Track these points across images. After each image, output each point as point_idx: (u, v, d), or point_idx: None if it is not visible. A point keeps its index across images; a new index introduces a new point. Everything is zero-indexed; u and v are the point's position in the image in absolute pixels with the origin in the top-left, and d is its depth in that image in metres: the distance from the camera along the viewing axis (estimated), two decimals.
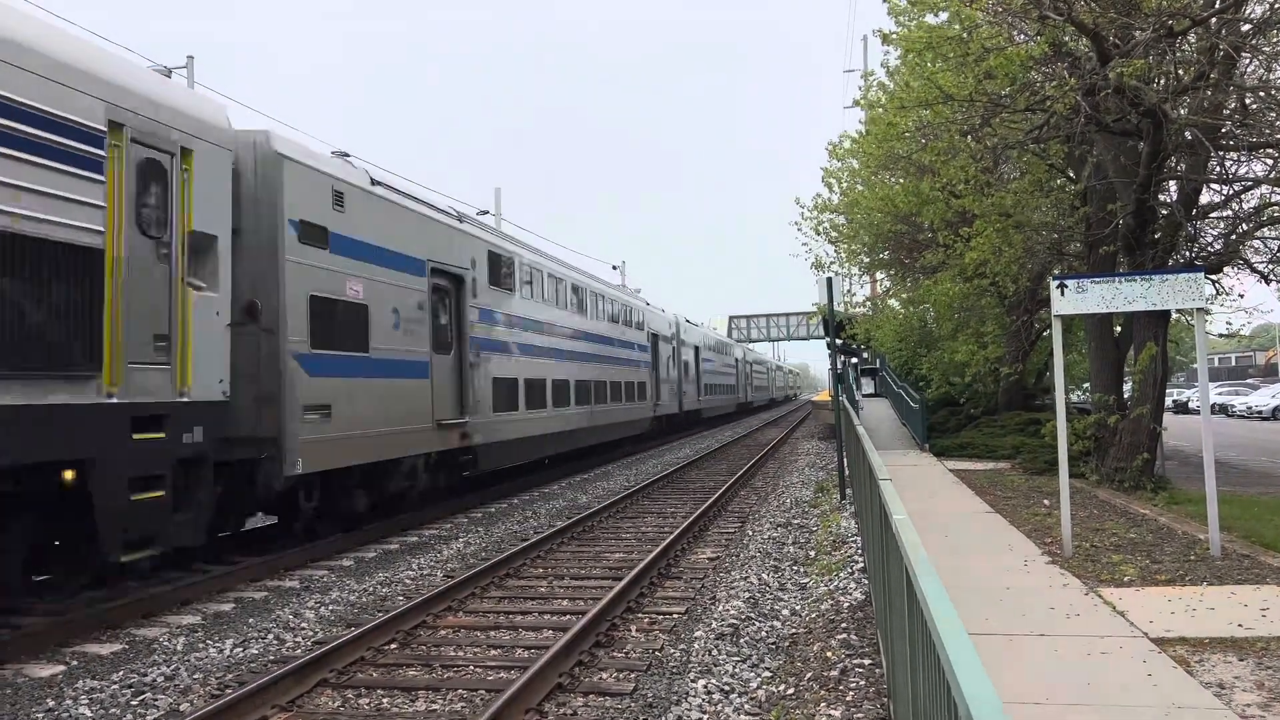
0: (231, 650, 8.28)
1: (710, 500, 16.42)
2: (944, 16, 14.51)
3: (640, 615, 9.14)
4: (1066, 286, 10.55)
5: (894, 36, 14.87)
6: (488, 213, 31.50)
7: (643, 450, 31.95)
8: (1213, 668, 6.29)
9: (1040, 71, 14.69)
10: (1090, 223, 16.08)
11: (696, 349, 43.94)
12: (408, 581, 11.09)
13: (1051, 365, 11.86)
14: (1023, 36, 13.95)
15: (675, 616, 9.05)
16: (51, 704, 6.93)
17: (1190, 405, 48.12)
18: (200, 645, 8.41)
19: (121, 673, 7.61)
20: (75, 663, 7.93)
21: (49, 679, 7.51)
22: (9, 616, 8.90)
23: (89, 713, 6.76)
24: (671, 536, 12.51)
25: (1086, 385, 21.36)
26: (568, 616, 9.07)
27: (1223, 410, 46.30)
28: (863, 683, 6.64)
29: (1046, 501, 13.99)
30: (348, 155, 14.51)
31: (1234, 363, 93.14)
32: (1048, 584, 8.79)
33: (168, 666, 7.76)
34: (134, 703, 6.95)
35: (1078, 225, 16.92)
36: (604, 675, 7.33)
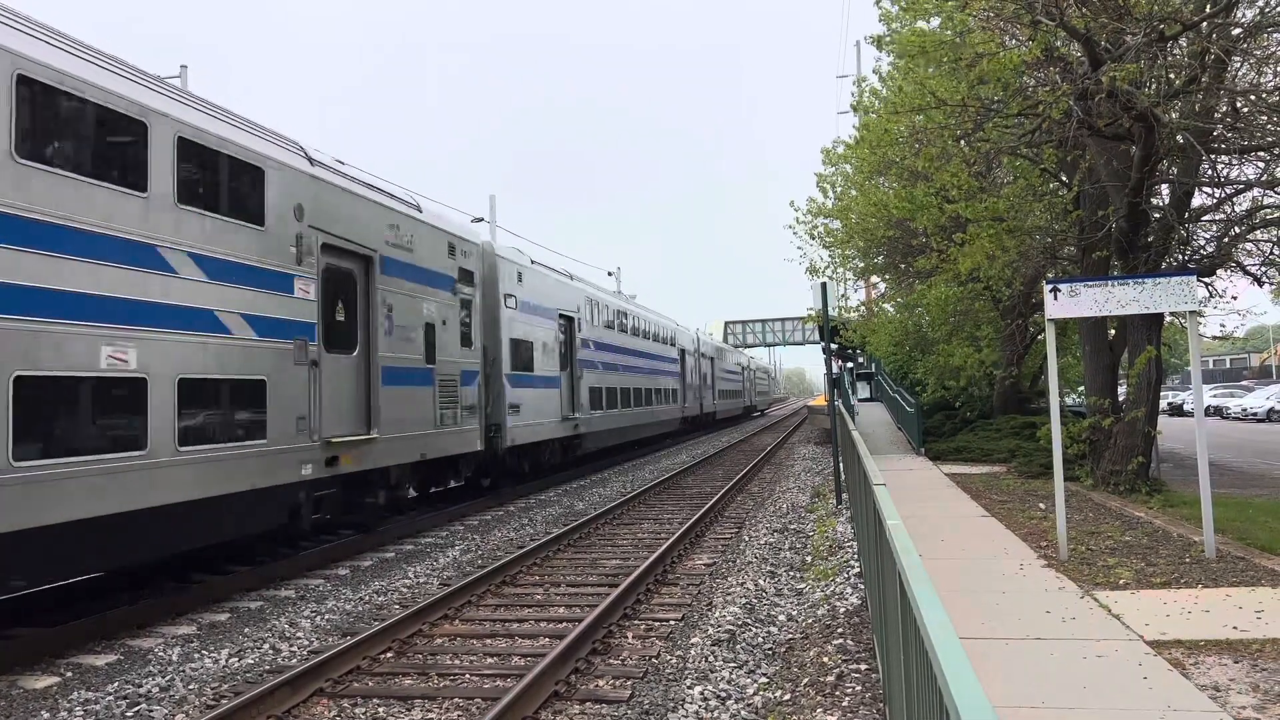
0: (227, 660, 8.26)
1: (707, 506, 16.42)
2: (936, 22, 14.56)
3: (637, 622, 9.14)
4: (1060, 290, 10.57)
5: (886, 42, 14.90)
6: (483, 219, 31.52)
7: (639, 457, 31.94)
8: (1208, 670, 6.30)
9: (1033, 76, 14.73)
10: (1083, 227, 16.12)
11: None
12: (404, 590, 11.07)
13: (1046, 369, 11.89)
14: (1014, 41, 14.00)
15: (672, 623, 9.05)
16: (46, 715, 6.91)
17: (1185, 408, 48.23)
18: (196, 655, 8.39)
19: (116, 684, 7.59)
20: (70, 674, 7.90)
21: (44, 690, 7.48)
22: (4, 627, 8.88)
23: None
24: (668, 543, 12.50)
25: (1081, 388, 21.38)
26: (564, 624, 9.07)
27: (1217, 412, 46.37)
28: (859, 688, 6.64)
29: (1042, 505, 14.00)
30: (343, 162, 14.53)
31: (1228, 365, 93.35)
32: (1043, 587, 8.80)
33: (163, 677, 7.74)
34: (129, 714, 6.94)
35: (1070, 229, 16.95)
36: (600, 683, 7.32)
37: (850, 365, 48.06)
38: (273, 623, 9.55)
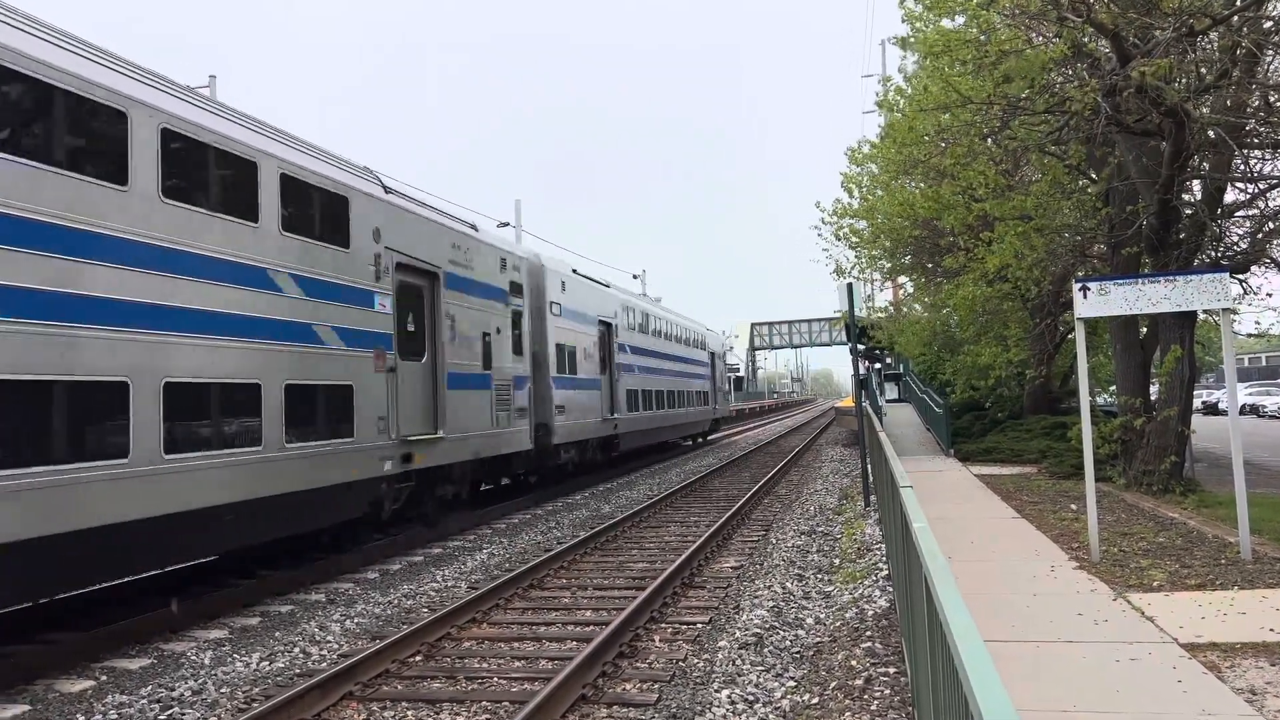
0: (258, 664, 8.34)
1: (733, 509, 16.38)
2: (960, 20, 14.47)
3: (664, 625, 9.13)
4: (1089, 289, 10.46)
5: (910, 42, 14.82)
6: (508, 224, 31.86)
7: (666, 459, 31.93)
8: (1244, 673, 6.20)
9: (1059, 73, 14.59)
10: (1113, 224, 15.92)
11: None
12: (432, 593, 11.13)
13: (1076, 368, 11.77)
14: (1041, 38, 13.88)
15: (699, 626, 9.03)
16: (81, 719, 7.00)
17: (1220, 406, 47.50)
18: (227, 659, 8.48)
19: (150, 687, 7.68)
20: (105, 678, 8.01)
21: (79, 694, 7.59)
22: (41, 632, 9.02)
23: None
24: (694, 545, 12.48)
25: (1113, 388, 21.13)
26: (591, 627, 9.07)
27: (1253, 411, 45.65)
28: (887, 692, 6.60)
29: (1073, 506, 13.85)
30: (368, 166, 14.64)
31: (1264, 363, 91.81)
32: (1075, 590, 8.70)
33: (195, 681, 7.83)
34: (162, 717, 7.02)
35: (1100, 227, 16.77)
36: (628, 686, 7.32)
37: (878, 366, 47.83)
38: (303, 626, 9.63)
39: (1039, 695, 5.81)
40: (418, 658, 8.25)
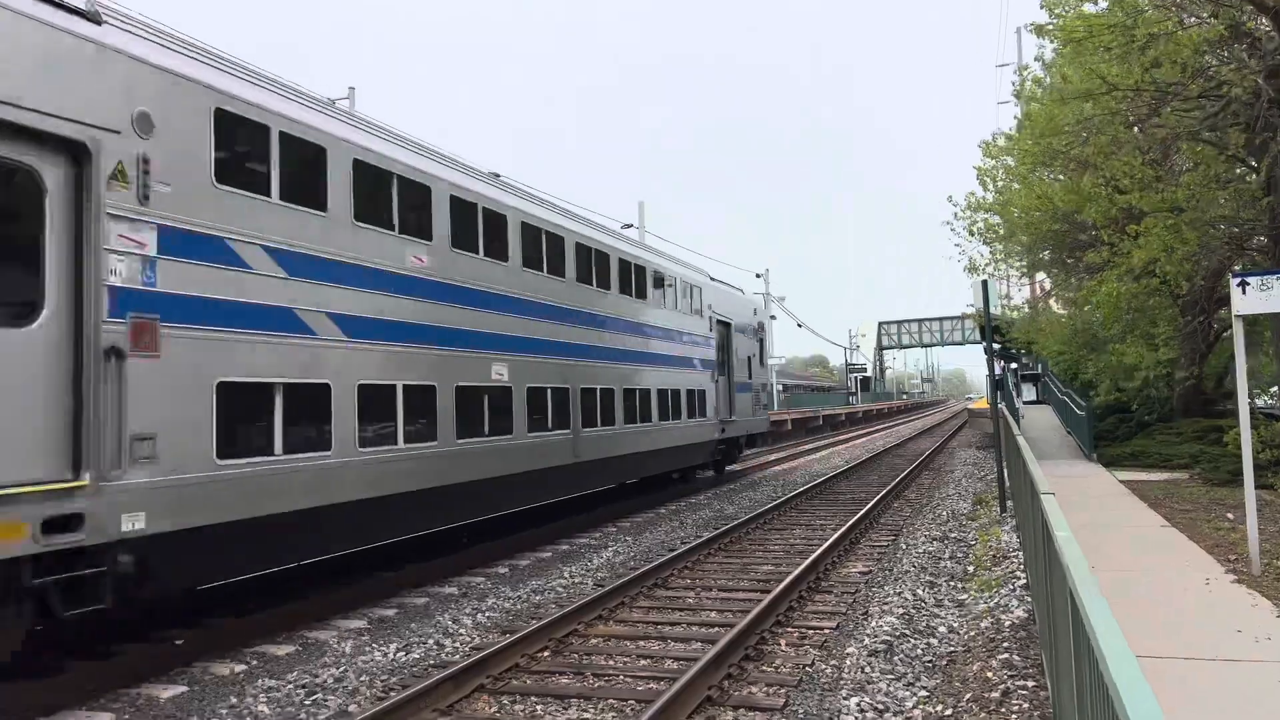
0: (395, 654, 8.64)
1: (861, 512, 16.05)
2: (1103, 4, 13.79)
3: (789, 629, 9.02)
4: (1249, 284, 9.78)
5: (1049, 28, 14.21)
6: (631, 225, 32.21)
7: (785, 461, 31.57)
8: None
9: (1215, 55, 13.73)
10: (1275, 214, 14.89)
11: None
12: (559, 589, 11.31)
13: (1233, 368, 11.03)
14: (1194, 20, 13.09)
15: (826, 631, 8.89)
16: (234, 701, 7.41)
17: None
18: (366, 649, 8.82)
19: (296, 673, 8.06)
20: (255, 662, 8.45)
21: (231, 677, 8.03)
22: (197, 617, 9.60)
23: (268, 710, 7.20)
24: (821, 549, 12.29)
25: (1274, 389, 19.74)
26: (716, 629, 9.04)
27: None
28: (1026, 705, 6.34)
29: (1230, 515, 12.99)
30: (498, 175, 14.94)
31: None
32: (1233, 605, 8.16)
33: (337, 669, 8.17)
34: (307, 702, 7.36)
35: (1260, 218, 15.69)
36: (753, 689, 7.26)
37: (1014, 366, 46.10)
38: (437, 619, 9.93)
39: (1194, 718, 5.47)
40: (546, 653, 8.39)
